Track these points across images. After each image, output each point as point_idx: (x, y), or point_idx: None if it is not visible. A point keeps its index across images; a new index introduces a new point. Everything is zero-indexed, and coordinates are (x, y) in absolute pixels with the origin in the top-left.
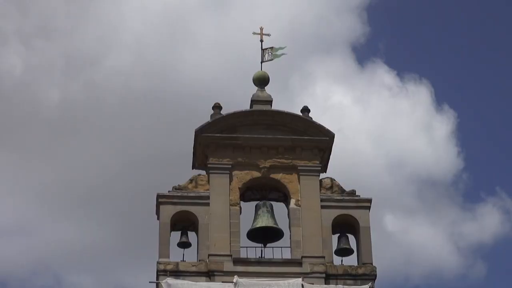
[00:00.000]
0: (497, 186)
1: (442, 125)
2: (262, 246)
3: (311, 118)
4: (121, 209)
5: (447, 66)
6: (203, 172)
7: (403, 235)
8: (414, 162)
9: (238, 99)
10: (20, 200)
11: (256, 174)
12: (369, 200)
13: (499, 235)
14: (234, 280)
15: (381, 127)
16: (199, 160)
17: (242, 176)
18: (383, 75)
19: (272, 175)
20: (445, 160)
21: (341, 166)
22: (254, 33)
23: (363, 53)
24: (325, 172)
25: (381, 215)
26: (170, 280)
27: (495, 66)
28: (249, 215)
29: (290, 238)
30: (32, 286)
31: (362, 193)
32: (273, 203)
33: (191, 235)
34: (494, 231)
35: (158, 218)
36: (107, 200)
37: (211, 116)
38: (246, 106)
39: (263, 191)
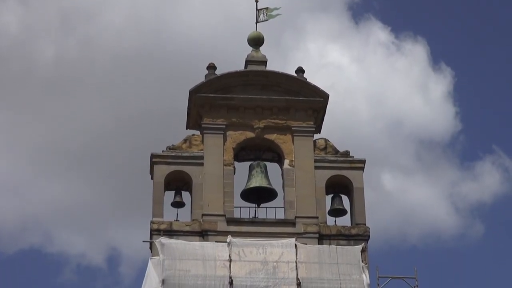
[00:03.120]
0: (493, 144)
1: (438, 86)
2: (256, 206)
3: (306, 79)
4: (115, 169)
5: (444, 24)
6: (197, 132)
7: (401, 195)
8: (411, 123)
9: (232, 60)
10: (12, 158)
11: (250, 134)
12: (363, 161)
13: (498, 195)
14: (228, 240)
15: (377, 87)
16: (193, 120)
17: (236, 136)
18: (379, 34)
19: (266, 136)
20: (442, 121)
21: (336, 127)
22: None
23: (359, 12)
24: (319, 133)
25: (378, 174)
26: (164, 240)
27: (493, 25)
28: (243, 175)
29: (283, 199)
30: (23, 243)
31: (358, 153)
32: (267, 163)
33: (185, 195)
34: (493, 191)
35: (152, 178)
36: (100, 159)
37: (206, 76)
38: (240, 66)
39: (257, 151)
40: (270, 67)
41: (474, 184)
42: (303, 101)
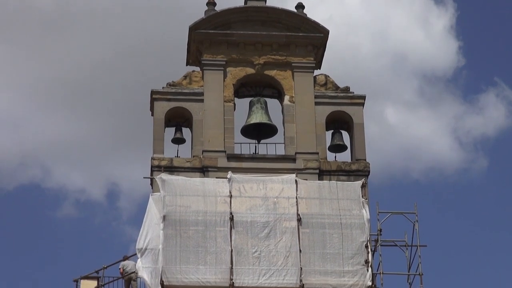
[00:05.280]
0: (495, 77)
1: (440, 20)
2: (256, 142)
3: (306, 15)
4: (114, 104)
5: None
6: (197, 69)
7: (404, 129)
8: (414, 57)
9: None
10: (11, 94)
11: (250, 70)
12: (363, 97)
13: (503, 128)
14: (228, 176)
15: (379, 21)
16: (193, 56)
17: (236, 72)
18: None
19: (266, 72)
20: (444, 55)
21: (338, 62)
22: None
23: None
24: (319, 69)
25: (381, 109)
26: (164, 176)
27: None
28: (243, 111)
29: (284, 135)
30: (22, 178)
31: (360, 88)
32: (267, 99)
33: (185, 131)
34: (498, 124)
35: (152, 114)
36: (100, 95)
37: (205, 12)
38: (240, 2)
39: (257, 87)
40: (270, 3)
41: (478, 117)
42: (303, 37)
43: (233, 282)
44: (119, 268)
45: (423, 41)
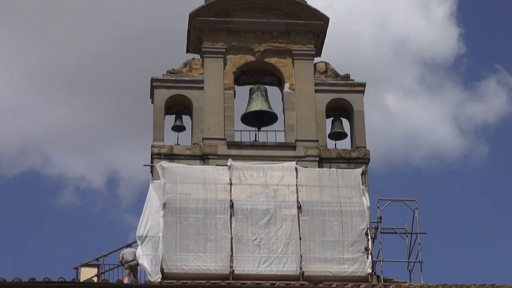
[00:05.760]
0: (496, 63)
1: (440, 7)
2: (256, 130)
3: (306, 2)
4: (114, 91)
5: None
6: (198, 56)
7: (405, 117)
8: (415, 44)
9: None
10: (10, 81)
11: (250, 58)
12: (363, 84)
13: (504, 115)
14: (228, 164)
15: (379, 7)
16: (193, 44)
17: (236, 60)
18: None
19: (266, 59)
20: (445, 42)
21: (338, 49)
22: None
23: None
24: (320, 56)
25: (382, 96)
26: (165, 163)
27: None
28: (243, 99)
29: (284, 122)
30: (21, 165)
31: (361, 75)
32: (267, 87)
33: (185, 119)
34: (499, 111)
35: (152, 102)
36: (100, 82)
37: None
38: None
39: (257, 75)
40: None
41: (479, 105)
42: (303, 24)
43: (233, 270)
44: (119, 257)
45: (424, 28)
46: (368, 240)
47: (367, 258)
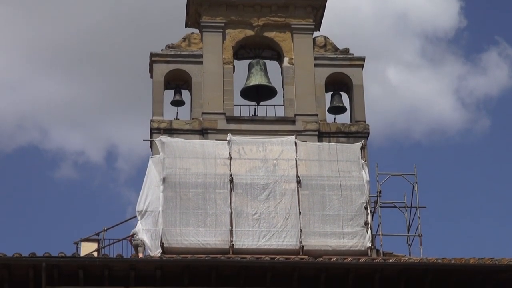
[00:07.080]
0: (496, 35)
1: None
2: (256, 104)
3: None
4: (113, 66)
5: None
6: (196, 31)
7: (406, 90)
8: (415, 17)
9: None
10: (9, 56)
11: (249, 32)
12: (363, 58)
13: (507, 88)
14: (228, 138)
15: None
16: (192, 18)
17: (236, 34)
18: None
19: (266, 34)
20: (446, 15)
21: (338, 23)
22: None
23: None
24: (319, 30)
25: (383, 69)
26: (164, 138)
27: None
28: (242, 73)
29: (283, 96)
30: (19, 139)
31: (361, 48)
32: (267, 61)
33: (185, 94)
34: (501, 84)
35: (151, 77)
36: (99, 57)
37: None
38: None
39: (256, 49)
40: None
41: (481, 78)
42: None
43: (233, 244)
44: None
45: (425, 2)
46: (367, 214)
47: (367, 232)
